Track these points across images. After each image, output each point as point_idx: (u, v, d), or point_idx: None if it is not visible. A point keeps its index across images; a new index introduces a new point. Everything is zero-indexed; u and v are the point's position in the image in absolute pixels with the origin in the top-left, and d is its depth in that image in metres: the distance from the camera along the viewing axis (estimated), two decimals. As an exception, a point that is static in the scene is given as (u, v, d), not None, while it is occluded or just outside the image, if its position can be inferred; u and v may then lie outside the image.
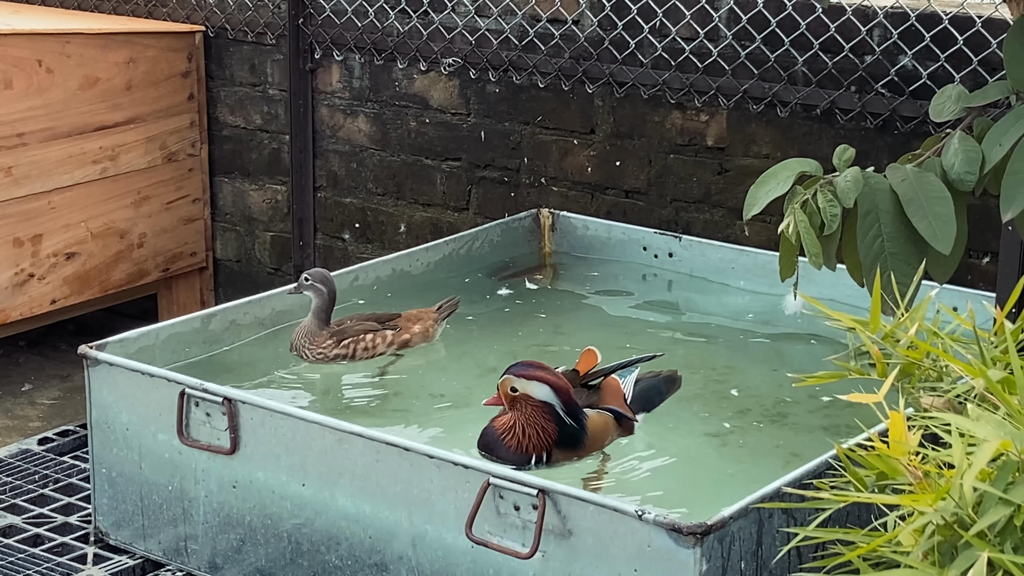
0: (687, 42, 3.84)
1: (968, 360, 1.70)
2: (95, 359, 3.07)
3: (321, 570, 2.84)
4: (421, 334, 3.44)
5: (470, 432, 3.02)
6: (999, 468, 1.46)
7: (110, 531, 3.14)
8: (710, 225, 3.88)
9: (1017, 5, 2.39)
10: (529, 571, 2.56)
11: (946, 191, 2.26)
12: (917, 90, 3.53)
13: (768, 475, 2.67)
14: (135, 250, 4.55)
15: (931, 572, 1.44)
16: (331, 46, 4.40)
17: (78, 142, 4.36)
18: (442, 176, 4.30)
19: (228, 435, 2.89)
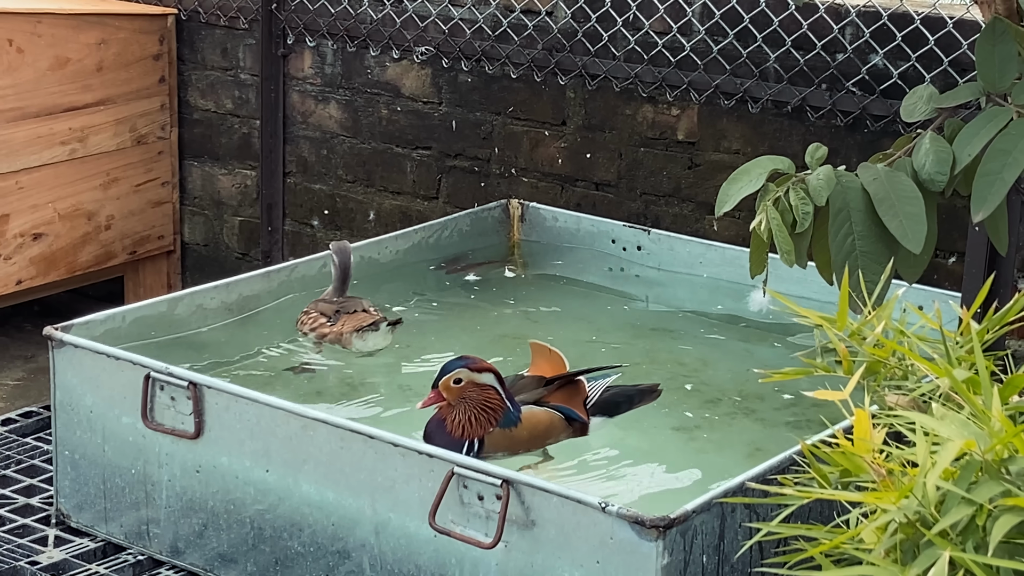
0: (660, 36, 3.84)
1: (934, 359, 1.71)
2: (60, 341, 3.05)
3: (283, 556, 2.83)
4: (336, 335, 3.35)
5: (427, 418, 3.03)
6: (962, 468, 1.46)
7: (72, 513, 3.13)
8: (679, 219, 3.89)
9: (989, 7, 2.40)
10: (492, 561, 2.56)
11: (917, 191, 2.26)
12: (888, 89, 3.54)
13: (732, 470, 2.67)
14: (102, 232, 4.53)
15: (893, 570, 1.44)
16: (304, 32, 4.38)
17: (47, 122, 4.33)
18: (412, 164, 4.29)
19: (192, 419, 2.88)
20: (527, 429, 2.92)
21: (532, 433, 2.93)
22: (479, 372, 2.87)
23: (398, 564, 2.68)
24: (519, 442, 2.91)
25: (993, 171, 2.21)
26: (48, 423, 3.49)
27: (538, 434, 2.94)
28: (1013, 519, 1.38)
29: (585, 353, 3.41)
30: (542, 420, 2.94)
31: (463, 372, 2.86)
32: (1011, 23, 2.32)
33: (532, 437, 2.93)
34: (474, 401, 2.86)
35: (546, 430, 2.95)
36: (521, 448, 2.92)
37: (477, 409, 2.86)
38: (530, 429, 2.92)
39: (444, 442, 2.81)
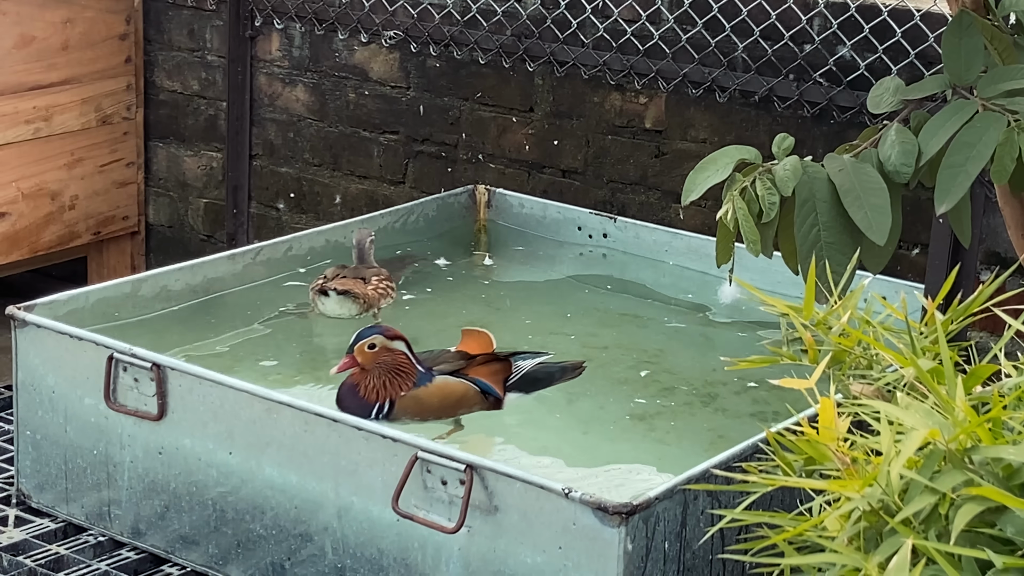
0: (629, 24, 3.84)
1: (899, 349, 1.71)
2: (23, 320, 3.03)
3: (245, 539, 2.82)
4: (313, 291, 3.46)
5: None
6: (926, 457, 1.47)
7: (32, 494, 3.11)
8: (645, 207, 3.89)
9: (956, 0, 2.41)
10: (454, 546, 2.56)
11: (882, 182, 2.27)
12: (854, 80, 3.55)
13: (695, 457, 2.68)
14: (66, 212, 4.50)
15: (856, 557, 1.45)
16: (272, 14, 4.36)
17: (11, 101, 4.30)
18: (379, 149, 4.28)
19: (156, 401, 2.87)
20: (438, 396, 2.95)
21: (443, 401, 2.96)
22: (392, 339, 2.92)
23: (360, 548, 2.68)
24: (429, 409, 2.95)
25: (957, 163, 2.22)
26: (9, 403, 3.47)
27: (449, 403, 2.97)
28: (975, 508, 1.38)
29: (548, 339, 3.41)
30: (455, 389, 2.97)
31: (378, 338, 2.91)
32: (978, 16, 2.33)
33: (443, 405, 2.97)
34: (387, 366, 2.90)
35: (458, 400, 2.98)
36: (431, 415, 2.95)
37: (390, 374, 2.90)
38: (441, 396, 2.96)
39: (355, 405, 2.87)
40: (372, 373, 2.90)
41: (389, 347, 2.92)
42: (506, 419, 3.03)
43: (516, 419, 3.04)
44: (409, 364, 2.93)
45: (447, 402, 2.97)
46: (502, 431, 3.00)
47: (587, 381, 3.20)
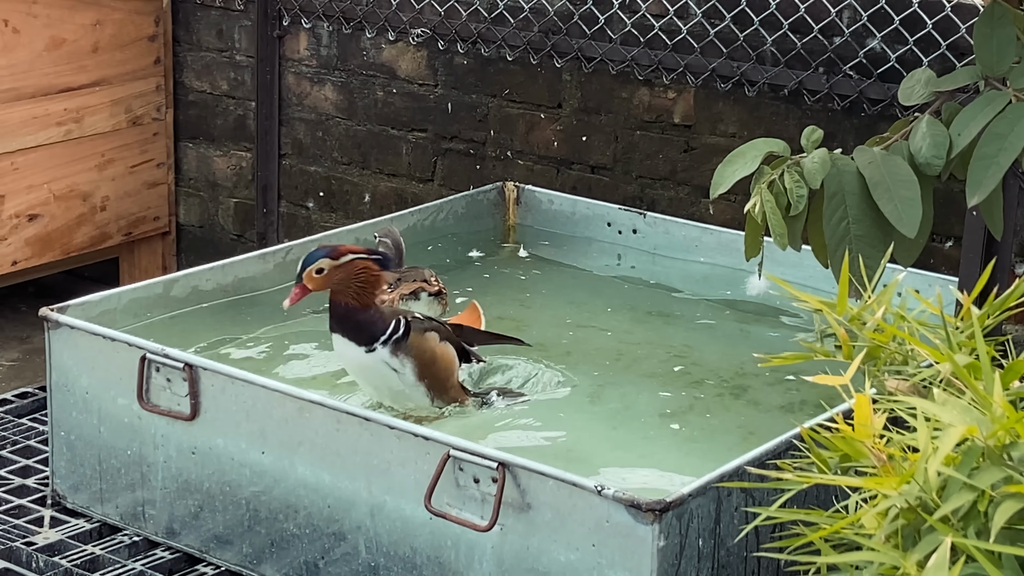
0: (656, 19, 3.82)
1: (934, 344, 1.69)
2: (56, 322, 3.03)
3: (279, 538, 2.82)
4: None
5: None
6: (964, 453, 1.45)
7: (67, 494, 3.12)
8: (675, 202, 3.87)
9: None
10: (487, 544, 2.55)
11: (913, 175, 2.25)
12: (885, 73, 3.52)
13: (727, 453, 2.66)
14: (98, 213, 4.51)
15: (894, 555, 1.43)
16: (299, 13, 4.36)
17: (43, 103, 4.31)
18: (408, 147, 4.27)
19: (188, 401, 2.87)
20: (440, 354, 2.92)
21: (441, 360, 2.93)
22: (338, 257, 2.82)
23: (394, 546, 2.67)
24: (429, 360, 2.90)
25: (989, 155, 2.20)
26: (44, 404, 3.48)
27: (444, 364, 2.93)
28: (1015, 505, 1.37)
29: (579, 336, 3.40)
30: (449, 354, 2.96)
31: (324, 262, 2.80)
32: (1009, 7, 2.31)
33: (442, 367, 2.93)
34: (345, 280, 2.81)
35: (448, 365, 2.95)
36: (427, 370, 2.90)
37: (354, 284, 2.81)
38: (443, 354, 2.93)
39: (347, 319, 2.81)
40: (340, 294, 2.80)
41: (339, 265, 2.81)
42: (536, 416, 3.02)
43: (546, 415, 3.03)
44: (367, 265, 2.82)
45: (442, 362, 2.92)
46: (533, 428, 2.99)
47: (618, 376, 3.19)
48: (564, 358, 3.28)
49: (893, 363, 1.77)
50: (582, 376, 3.20)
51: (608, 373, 3.21)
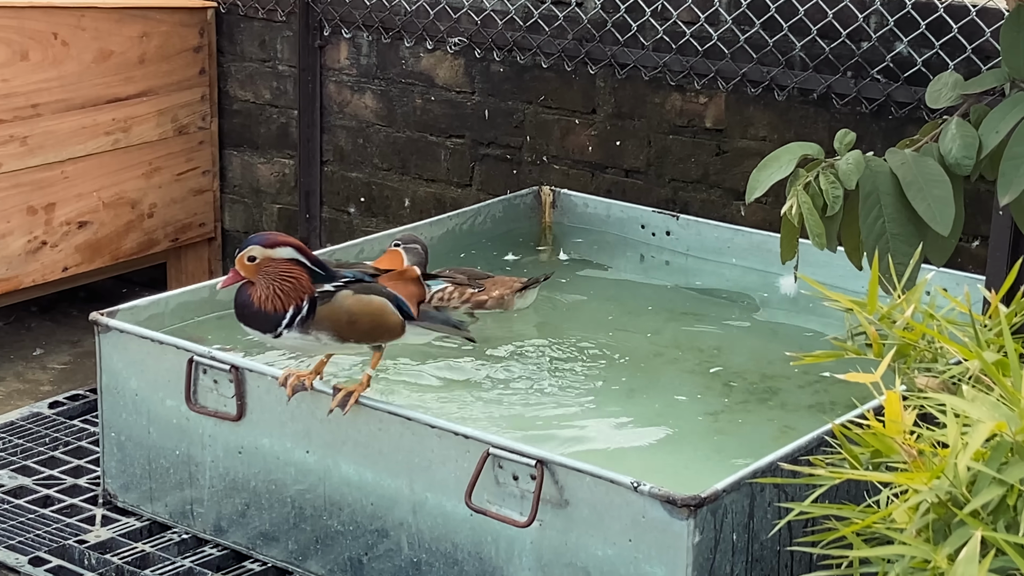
0: (688, 26, 3.81)
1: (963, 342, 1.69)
2: (106, 326, 3.05)
3: (323, 535, 2.83)
4: (497, 299, 3.42)
5: (466, 403, 3.02)
6: (993, 449, 1.45)
7: (118, 493, 3.13)
8: (707, 205, 3.87)
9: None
10: (527, 539, 2.55)
11: (944, 175, 2.24)
12: (912, 76, 3.51)
13: (760, 450, 2.66)
14: (145, 220, 4.53)
15: (925, 549, 1.43)
16: (340, 24, 4.37)
17: (91, 114, 4.33)
18: (446, 153, 4.28)
19: (235, 402, 2.88)
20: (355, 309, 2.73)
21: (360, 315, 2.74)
22: (273, 247, 2.69)
23: (435, 542, 2.68)
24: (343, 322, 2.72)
25: (1019, 155, 2.19)
26: (94, 406, 3.50)
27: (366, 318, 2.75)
28: (1044, 499, 1.36)
29: (614, 336, 3.40)
30: (371, 302, 2.76)
31: (255, 249, 2.69)
32: (1036, 10, 2.29)
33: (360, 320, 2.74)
34: (272, 275, 2.68)
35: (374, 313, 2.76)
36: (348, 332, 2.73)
37: (277, 282, 2.68)
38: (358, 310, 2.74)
39: (255, 316, 2.69)
40: (260, 284, 2.68)
41: (272, 257, 2.68)
42: (574, 414, 3.02)
43: (583, 414, 3.03)
44: (297, 273, 2.69)
45: (364, 317, 2.74)
46: (570, 426, 2.99)
47: (653, 375, 3.19)
48: (600, 357, 3.28)
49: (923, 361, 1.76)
50: (618, 375, 3.20)
51: (643, 372, 3.21)
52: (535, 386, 3.15)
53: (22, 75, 4.14)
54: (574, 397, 3.10)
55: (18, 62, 4.14)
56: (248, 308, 2.71)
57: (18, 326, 4.66)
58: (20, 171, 4.18)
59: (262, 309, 2.69)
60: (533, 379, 3.20)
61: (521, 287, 3.43)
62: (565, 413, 3.03)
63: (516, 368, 3.23)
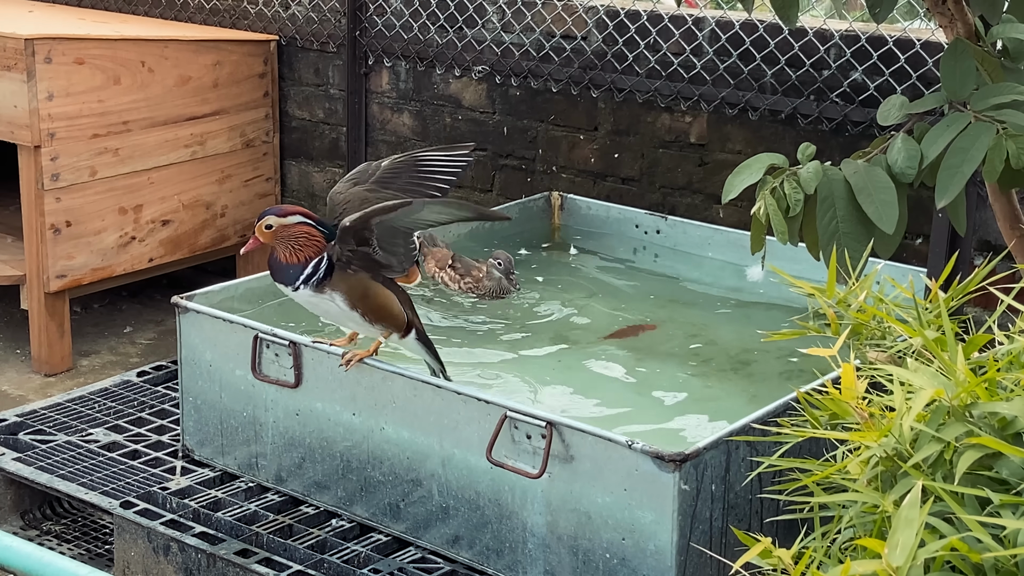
0: (675, 56, 3.80)
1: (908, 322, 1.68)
2: (185, 308, 3.06)
3: (367, 484, 2.83)
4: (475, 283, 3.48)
5: (487, 373, 3.02)
6: (932, 412, 1.44)
7: (195, 449, 3.14)
8: (691, 208, 3.86)
9: (951, 30, 2.36)
10: (538, 489, 2.55)
11: (891, 182, 2.23)
12: (865, 99, 3.50)
13: (736, 413, 2.66)
14: (218, 219, 4.54)
15: (875, 496, 1.42)
16: (382, 54, 4.37)
17: (173, 129, 4.34)
18: (471, 163, 4.27)
19: (293, 372, 2.88)
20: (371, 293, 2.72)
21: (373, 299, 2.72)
22: (285, 216, 2.70)
23: (461, 491, 2.68)
24: (359, 297, 2.70)
25: (954, 165, 2.18)
26: (175, 375, 3.51)
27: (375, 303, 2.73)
28: (975, 454, 1.36)
29: (612, 317, 3.39)
30: (385, 291, 2.74)
31: (271, 219, 2.69)
32: (970, 43, 2.29)
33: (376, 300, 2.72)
34: (287, 237, 2.69)
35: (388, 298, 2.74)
36: (359, 304, 2.70)
37: (292, 241, 2.69)
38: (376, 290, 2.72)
39: (281, 268, 2.70)
40: (279, 246, 2.69)
41: (285, 224, 2.69)
42: (579, 383, 3.02)
43: (587, 383, 3.03)
44: (308, 230, 2.70)
45: (376, 296, 2.73)
46: (577, 393, 2.99)
47: (646, 350, 3.19)
48: (600, 335, 3.28)
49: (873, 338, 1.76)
50: (615, 349, 3.20)
51: (637, 348, 3.21)
52: (545, 358, 3.15)
53: (115, 97, 4.15)
54: (578, 368, 3.10)
55: (111, 86, 4.14)
56: (276, 264, 2.72)
57: (111, 308, 4.67)
58: (113, 177, 4.19)
59: (287, 263, 2.70)
60: (543, 353, 3.20)
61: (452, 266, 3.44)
62: (570, 381, 3.03)
63: (528, 344, 3.23)
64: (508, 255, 3.48)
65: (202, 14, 4.77)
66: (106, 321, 4.57)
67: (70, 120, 4.05)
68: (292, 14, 4.56)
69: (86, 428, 3.32)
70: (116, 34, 4.18)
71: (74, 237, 4.11)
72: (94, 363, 4.24)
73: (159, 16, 4.87)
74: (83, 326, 4.50)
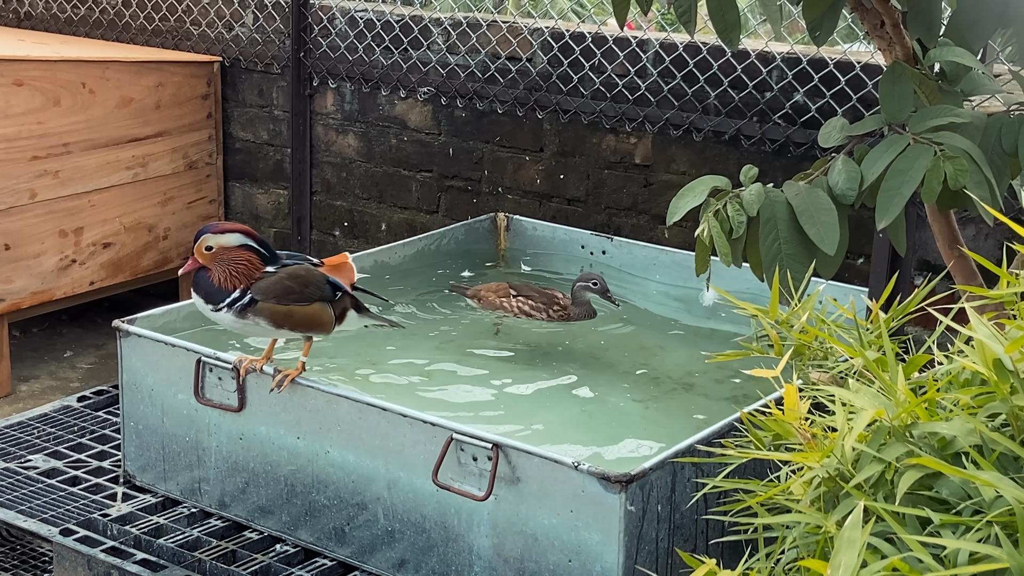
0: (620, 78, 3.83)
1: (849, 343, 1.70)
2: (126, 331, 3.03)
3: (312, 508, 2.81)
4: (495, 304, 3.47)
5: (432, 395, 3.01)
6: (874, 432, 1.45)
7: (137, 474, 3.11)
8: (637, 229, 3.88)
9: (890, 53, 2.39)
10: (484, 511, 2.55)
11: (832, 204, 2.25)
12: (807, 121, 3.53)
13: (681, 435, 2.66)
14: (161, 241, 4.50)
15: (817, 517, 1.43)
16: (326, 76, 4.36)
17: (114, 151, 4.31)
18: (417, 184, 4.28)
19: (236, 396, 2.86)
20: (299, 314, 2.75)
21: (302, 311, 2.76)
22: (222, 234, 2.69)
23: (407, 514, 2.67)
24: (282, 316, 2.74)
25: (894, 187, 2.21)
26: (116, 399, 3.47)
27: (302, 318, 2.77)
28: (916, 474, 1.37)
29: (558, 338, 3.40)
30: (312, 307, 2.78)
31: (209, 238, 2.68)
32: (908, 66, 2.32)
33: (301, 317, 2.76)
34: (226, 262, 2.70)
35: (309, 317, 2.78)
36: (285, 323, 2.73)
37: (231, 266, 2.70)
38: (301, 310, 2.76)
39: (210, 288, 2.70)
40: (217, 269, 2.70)
41: (224, 245, 2.69)
42: (525, 406, 3.02)
43: (533, 405, 3.03)
44: (250, 257, 2.71)
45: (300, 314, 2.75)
46: (523, 415, 2.99)
47: (592, 372, 3.19)
48: (546, 357, 3.28)
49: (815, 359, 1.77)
50: (562, 371, 3.20)
51: (583, 370, 3.22)
52: (491, 381, 3.15)
53: (55, 119, 4.11)
54: (524, 390, 3.10)
55: (52, 107, 4.11)
56: (206, 283, 2.72)
57: (51, 332, 4.62)
58: (53, 200, 4.15)
59: (219, 286, 2.71)
60: (489, 375, 3.20)
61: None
62: (517, 404, 3.03)
63: (474, 365, 3.22)
64: (599, 275, 3.41)
65: (144, 35, 4.74)
66: (46, 345, 4.51)
67: (8, 142, 4.01)
68: (236, 35, 4.54)
69: (25, 454, 3.28)
70: (56, 55, 4.15)
71: (13, 260, 4.07)
72: (33, 388, 4.18)
73: (100, 37, 4.84)
74: (22, 350, 4.44)
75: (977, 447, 1.39)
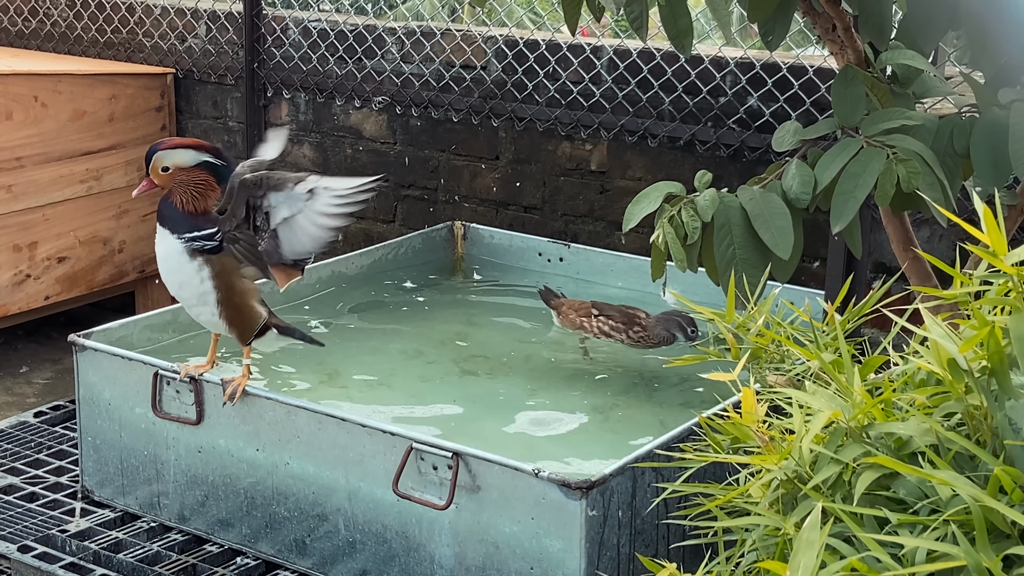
0: (575, 85, 3.83)
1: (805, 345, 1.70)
2: (83, 345, 3.00)
3: (272, 520, 2.80)
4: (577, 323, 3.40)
5: (392, 405, 3.00)
6: (831, 434, 1.46)
7: (95, 489, 3.08)
8: (593, 235, 3.88)
9: (842, 57, 2.41)
10: (445, 520, 2.54)
11: (786, 208, 2.27)
12: (761, 125, 3.55)
13: (641, 440, 2.67)
14: (116, 255, 4.47)
15: (776, 519, 1.44)
16: (281, 86, 4.35)
17: (68, 165, 4.27)
18: (373, 194, 4.26)
19: (194, 408, 2.84)
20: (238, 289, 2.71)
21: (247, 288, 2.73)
22: (173, 149, 2.58)
23: (368, 524, 2.66)
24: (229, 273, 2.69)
25: (848, 190, 2.22)
26: (73, 414, 3.44)
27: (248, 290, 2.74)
28: (873, 475, 1.38)
29: (517, 346, 3.40)
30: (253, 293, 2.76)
31: (163, 156, 2.57)
32: (860, 70, 2.33)
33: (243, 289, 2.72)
34: (185, 183, 2.60)
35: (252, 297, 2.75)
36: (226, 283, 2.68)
37: (191, 187, 2.61)
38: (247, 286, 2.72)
39: (175, 215, 2.62)
40: (177, 191, 2.59)
41: (180, 165, 2.58)
42: (484, 414, 3.02)
43: (492, 413, 3.03)
44: (207, 178, 2.61)
45: (245, 288, 2.73)
46: (481, 424, 2.98)
47: (551, 380, 3.19)
48: (503, 366, 3.27)
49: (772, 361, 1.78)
50: (520, 379, 3.20)
51: (542, 378, 3.21)
52: (450, 389, 3.14)
53: (7, 133, 4.07)
54: (483, 398, 3.10)
55: (3, 121, 4.07)
56: (170, 210, 2.65)
57: (6, 347, 4.57)
58: (6, 215, 4.11)
59: (183, 211, 2.63)
60: (447, 383, 3.19)
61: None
62: (476, 411, 3.03)
63: (432, 374, 3.21)
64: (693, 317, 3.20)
65: (96, 47, 4.71)
66: (1, 361, 4.46)
67: (-40, 156, 3.97)
68: (189, 47, 4.52)
69: (-19, 472, 3.24)
70: (7, 69, 4.11)
71: (-34, 276, 4.02)
72: (-11, 404, 4.14)
73: (52, 50, 4.80)
74: (-23, 367, 4.40)
75: (933, 447, 1.39)
